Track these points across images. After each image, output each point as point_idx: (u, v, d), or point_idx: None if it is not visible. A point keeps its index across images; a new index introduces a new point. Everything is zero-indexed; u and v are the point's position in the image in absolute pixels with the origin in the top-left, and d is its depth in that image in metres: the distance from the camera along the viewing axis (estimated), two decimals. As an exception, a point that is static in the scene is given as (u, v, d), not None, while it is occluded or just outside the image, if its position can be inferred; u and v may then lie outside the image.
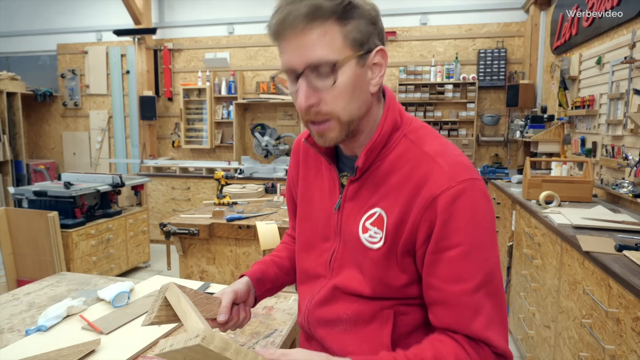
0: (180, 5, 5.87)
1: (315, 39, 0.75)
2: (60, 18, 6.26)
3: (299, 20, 0.74)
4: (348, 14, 0.76)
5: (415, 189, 0.80)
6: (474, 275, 0.77)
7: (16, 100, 5.56)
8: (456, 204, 0.77)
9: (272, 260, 1.12)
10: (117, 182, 4.05)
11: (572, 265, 1.87)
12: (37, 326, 1.15)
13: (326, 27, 0.75)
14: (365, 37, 0.79)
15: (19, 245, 3.51)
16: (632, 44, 2.43)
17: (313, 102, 0.79)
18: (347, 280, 0.88)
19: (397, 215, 0.82)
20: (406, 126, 0.88)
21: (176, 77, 5.97)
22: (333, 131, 0.82)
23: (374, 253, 0.84)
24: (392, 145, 0.86)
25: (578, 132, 3.27)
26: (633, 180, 2.38)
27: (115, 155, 6.22)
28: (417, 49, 5.22)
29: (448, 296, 0.78)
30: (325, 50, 0.75)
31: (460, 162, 0.82)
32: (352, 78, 0.79)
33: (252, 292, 1.03)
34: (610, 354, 1.46)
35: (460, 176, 0.79)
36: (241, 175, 5.04)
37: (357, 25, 0.78)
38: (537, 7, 4.49)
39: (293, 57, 0.77)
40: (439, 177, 0.79)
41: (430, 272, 0.80)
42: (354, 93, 0.80)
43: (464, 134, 5.05)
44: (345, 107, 0.80)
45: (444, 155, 0.82)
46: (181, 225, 2.58)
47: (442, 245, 0.78)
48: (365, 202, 0.87)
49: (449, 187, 0.77)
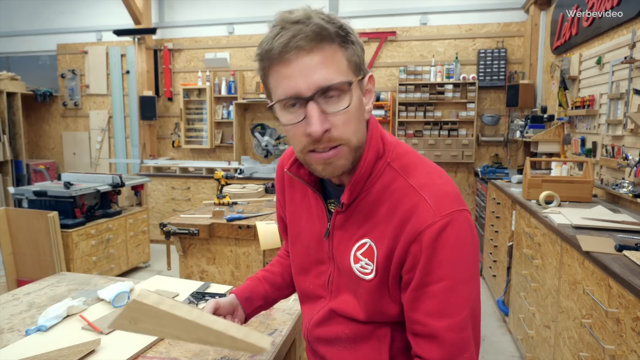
0: (180, 5, 5.87)
1: (324, 61, 0.72)
2: (60, 18, 6.26)
3: (306, 41, 0.71)
4: (347, 38, 0.76)
5: (401, 223, 0.79)
6: (460, 310, 0.77)
7: (16, 100, 5.57)
8: (440, 238, 0.76)
9: (263, 276, 1.12)
10: (117, 182, 4.05)
11: (572, 265, 1.87)
12: (37, 326, 1.15)
13: (333, 49, 0.74)
14: (361, 63, 0.79)
15: (19, 245, 3.51)
16: (632, 44, 2.43)
17: (327, 127, 0.74)
18: (343, 304, 0.90)
19: (385, 248, 0.81)
20: (389, 153, 0.85)
21: (176, 77, 5.97)
22: (342, 158, 0.78)
23: (367, 283, 0.85)
24: (376, 175, 0.84)
25: (578, 132, 3.27)
26: (633, 180, 2.38)
27: (115, 155, 6.22)
28: (417, 49, 5.23)
29: (434, 331, 0.77)
30: (335, 72, 0.73)
31: (445, 194, 0.80)
32: (358, 101, 0.78)
33: (240, 309, 1.03)
34: (610, 354, 1.46)
35: (444, 209, 0.77)
36: (241, 175, 5.04)
37: (355, 51, 0.77)
38: (537, 7, 4.49)
39: (300, 81, 0.73)
40: (423, 211, 0.77)
41: (414, 308, 0.79)
42: (359, 117, 0.79)
43: (464, 134, 5.05)
44: (356, 131, 0.78)
45: (428, 187, 0.80)
46: (181, 225, 2.58)
47: (426, 280, 0.77)
48: (354, 232, 0.86)
49: (434, 222, 0.76)
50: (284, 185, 1.02)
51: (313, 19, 0.72)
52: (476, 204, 4.91)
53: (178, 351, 1.07)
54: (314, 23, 0.71)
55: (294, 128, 0.77)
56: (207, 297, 1.32)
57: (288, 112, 0.77)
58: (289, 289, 1.14)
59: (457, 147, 5.01)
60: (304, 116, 0.75)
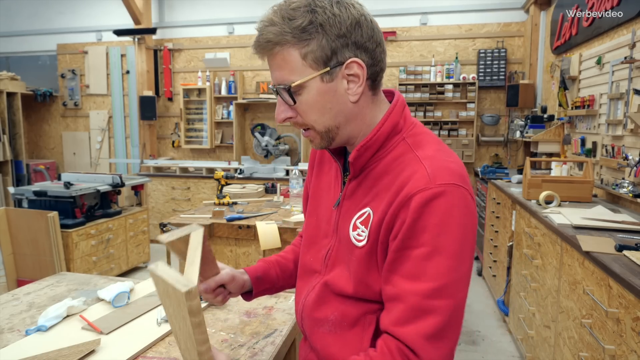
0: (180, 5, 5.87)
1: (278, 63, 0.82)
2: (60, 18, 6.25)
3: (263, 46, 0.81)
4: (307, 33, 0.78)
5: (398, 190, 0.80)
6: (430, 279, 0.75)
7: (16, 100, 5.56)
8: (429, 205, 0.76)
9: (276, 260, 1.13)
10: (117, 182, 4.05)
11: (572, 265, 1.87)
12: (37, 326, 1.15)
13: (285, 51, 0.80)
14: (328, 54, 0.80)
15: (19, 245, 3.51)
16: (632, 44, 2.42)
17: (290, 115, 0.86)
18: (336, 278, 0.90)
19: (379, 214, 0.82)
20: (407, 130, 0.88)
21: (176, 77, 5.97)
22: (315, 138, 0.87)
23: (359, 251, 0.86)
24: (389, 147, 0.86)
25: (578, 132, 3.27)
26: (633, 180, 2.38)
27: (115, 155, 6.22)
28: (417, 49, 5.22)
29: (401, 292, 0.77)
30: (287, 73, 0.81)
31: (447, 168, 0.80)
32: (317, 94, 0.82)
33: (247, 286, 1.05)
34: (610, 354, 1.46)
35: (440, 180, 0.77)
36: (241, 175, 5.04)
37: (319, 43, 0.79)
38: (537, 7, 4.49)
39: (271, 75, 0.85)
40: (419, 178, 0.78)
41: (392, 269, 0.79)
42: (324, 107, 0.83)
43: (464, 134, 5.05)
44: (317, 119, 0.84)
45: (432, 159, 0.81)
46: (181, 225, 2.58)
47: (407, 243, 0.77)
48: (360, 201, 0.88)
49: (426, 188, 0.76)
50: (314, 162, 1.08)
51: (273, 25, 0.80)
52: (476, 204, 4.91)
53: (178, 351, 1.06)
54: (270, 30, 0.80)
55: None
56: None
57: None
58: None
59: (457, 147, 5.01)
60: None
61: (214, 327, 1.19)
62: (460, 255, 0.76)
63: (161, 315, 1.21)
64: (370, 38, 0.82)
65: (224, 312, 1.29)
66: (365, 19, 0.81)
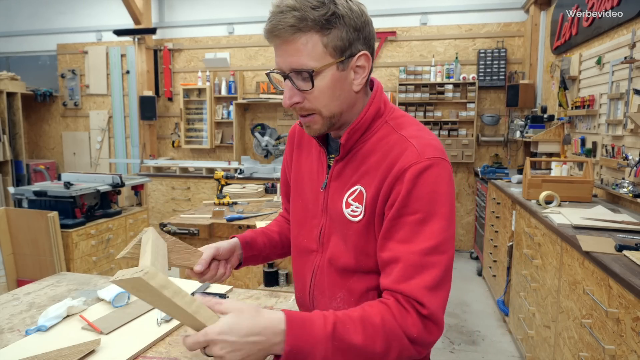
0: (180, 5, 5.87)
1: (298, 48, 0.84)
2: (60, 18, 6.25)
3: (284, 30, 0.83)
4: (330, 23, 0.84)
5: (390, 166, 0.88)
6: (426, 239, 0.83)
7: (16, 100, 5.56)
8: (421, 176, 0.84)
9: (262, 231, 1.21)
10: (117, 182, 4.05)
11: (572, 265, 1.87)
12: (37, 326, 1.15)
13: (308, 37, 0.84)
14: (346, 44, 0.86)
15: (19, 245, 3.51)
16: (632, 44, 2.43)
17: (297, 100, 0.89)
18: (336, 254, 0.96)
19: (374, 190, 0.90)
20: (388, 114, 0.97)
21: (176, 77, 5.97)
22: (317, 124, 0.92)
23: (356, 225, 0.93)
24: (374, 130, 0.95)
25: (578, 132, 3.27)
26: (633, 180, 2.38)
27: (115, 155, 6.22)
28: (417, 49, 5.22)
29: (398, 254, 0.84)
30: (306, 58, 0.85)
31: (431, 144, 0.89)
32: (331, 81, 0.88)
33: (238, 254, 1.12)
34: (610, 354, 1.46)
35: (428, 154, 0.86)
36: (241, 175, 5.04)
37: (339, 34, 0.85)
38: (537, 7, 4.49)
39: (281, 60, 0.87)
40: (410, 154, 0.87)
41: (387, 236, 0.87)
42: (334, 93, 0.89)
43: (464, 134, 5.05)
44: (327, 105, 0.90)
45: (417, 138, 0.90)
46: (181, 225, 2.58)
47: (402, 211, 0.85)
48: (348, 180, 0.96)
49: (417, 161, 0.85)
50: (293, 147, 1.14)
51: (295, 10, 0.82)
52: (476, 204, 4.91)
53: (178, 351, 1.07)
54: (293, 15, 0.82)
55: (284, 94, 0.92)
56: (207, 297, 1.32)
57: (281, 80, 0.92)
58: (283, 250, 1.23)
59: (457, 147, 5.01)
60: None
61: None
62: (449, 216, 0.86)
63: (161, 315, 1.21)
64: (373, 36, 0.92)
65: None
66: (369, 18, 0.92)
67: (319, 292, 1.01)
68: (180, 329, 1.18)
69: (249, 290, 1.44)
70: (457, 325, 3.29)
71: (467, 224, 5.26)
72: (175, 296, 0.72)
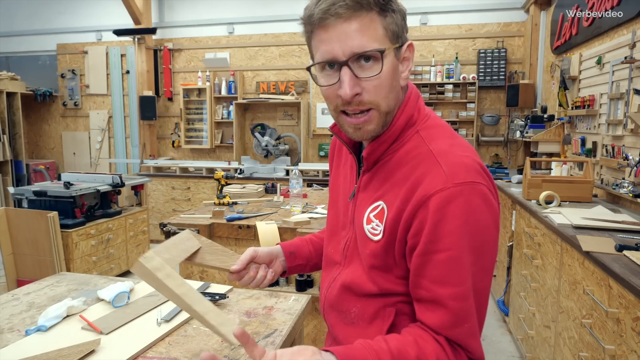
0: (180, 5, 5.87)
1: (360, 29, 0.76)
2: (60, 18, 6.25)
3: (344, 9, 0.75)
4: (388, 6, 0.78)
5: (413, 187, 0.80)
6: (463, 280, 0.76)
7: (16, 100, 5.56)
8: (449, 206, 0.75)
9: (310, 239, 1.18)
10: (117, 182, 4.05)
11: (572, 265, 1.87)
12: (37, 326, 1.14)
13: (370, 17, 0.77)
14: (400, 31, 0.81)
15: (19, 245, 3.51)
16: (632, 43, 2.42)
17: (357, 91, 0.79)
18: (355, 277, 0.91)
19: (395, 210, 0.82)
20: (421, 123, 0.87)
21: (176, 77, 5.97)
22: (372, 123, 0.83)
23: (374, 245, 0.86)
24: (404, 140, 0.86)
25: (578, 132, 3.27)
26: (633, 180, 2.38)
27: (115, 155, 6.22)
28: (417, 49, 5.22)
29: (438, 297, 0.77)
30: (370, 39, 0.77)
31: (463, 164, 0.79)
32: (391, 69, 0.80)
33: (281, 261, 1.10)
34: (610, 354, 1.46)
35: (458, 178, 0.76)
36: (241, 175, 5.04)
37: (395, 19, 0.80)
38: (537, 7, 4.49)
39: (336, 46, 0.77)
40: (436, 177, 0.78)
41: (419, 273, 0.80)
42: (392, 84, 0.82)
43: (464, 134, 5.05)
44: (386, 96, 0.81)
45: (447, 155, 0.80)
46: (181, 225, 2.58)
47: (432, 247, 0.77)
48: (373, 194, 0.89)
49: (444, 188, 0.76)
50: (334, 154, 1.10)
51: None
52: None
53: (178, 351, 1.06)
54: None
55: (329, 89, 0.82)
56: (207, 297, 1.32)
57: (325, 73, 0.82)
58: None
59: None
60: (338, 79, 0.79)
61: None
62: (483, 253, 0.78)
63: (161, 315, 1.21)
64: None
65: (224, 312, 1.29)
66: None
67: (329, 305, 0.97)
68: (180, 329, 1.18)
69: (249, 290, 1.44)
70: (457, 325, 3.29)
71: (467, 224, 5.26)
72: (167, 278, 0.75)
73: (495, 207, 0.81)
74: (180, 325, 1.19)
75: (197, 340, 1.11)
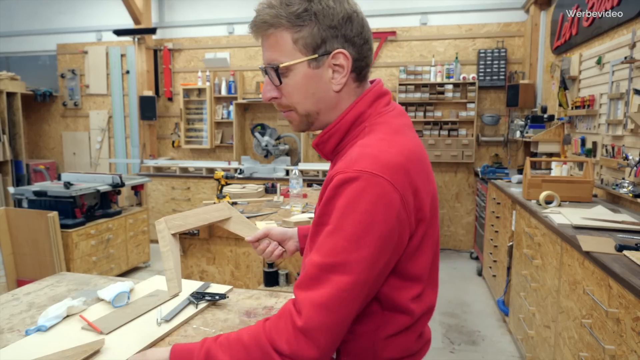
0: (180, 5, 5.87)
1: (271, 44, 0.88)
2: (60, 18, 6.25)
3: (259, 26, 0.88)
4: (302, 20, 0.84)
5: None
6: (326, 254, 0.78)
7: (16, 100, 5.56)
8: (343, 186, 0.78)
9: None
10: (117, 182, 4.05)
11: (572, 265, 1.87)
12: (37, 326, 1.14)
13: (278, 34, 0.86)
14: (318, 42, 0.86)
15: (19, 245, 3.51)
16: (632, 44, 2.42)
17: (274, 95, 0.92)
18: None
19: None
20: (372, 119, 0.90)
21: (176, 77, 5.97)
22: (294, 120, 0.94)
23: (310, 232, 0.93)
24: (352, 136, 0.91)
25: (578, 132, 3.27)
26: (633, 180, 2.38)
27: (115, 155, 6.22)
28: (417, 49, 5.22)
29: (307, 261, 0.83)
30: (277, 54, 0.87)
31: (374, 156, 0.79)
32: (303, 78, 0.88)
33: (294, 242, 1.22)
34: (610, 354, 1.46)
35: (358, 166, 0.78)
36: (241, 175, 5.04)
37: (311, 31, 0.85)
38: (537, 7, 4.49)
39: (262, 55, 0.92)
40: (343, 162, 0.83)
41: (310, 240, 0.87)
42: (307, 91, 0.89)
43: (464, 134, 5.04)
44: (300, 102, 0.90)
45: (366, 146, 0.83)
46: (181, 225, 2.58)
47: (321, 220, 0.82)
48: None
49: (344, 171, 0.79)
50: None
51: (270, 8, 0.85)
52: (476, 204, 4.91)
53: (178, 351, 1.06)
54: (267, 12, 0.85)
55: None
56: (207, 297, 1.32)
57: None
58: None
59: (457, 147, 5.01)
60: None
61: (214, 327, 1.19)
62: (358, 238, 0.76)
63: (161, 315, 1.21)
64: (359, 34, 0.88)
65: (224, 312, 1.29)
66: (357, 15, 0.87)
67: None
68: (180, 329, 1.18)
69: (249, 290, 1.44)
70: (457, 325, 3.29)
71: (467, 224, 5.26)
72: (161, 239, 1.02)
73: (394, 206, 0.78)
74: (180, 325, 1.19)
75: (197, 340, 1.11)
